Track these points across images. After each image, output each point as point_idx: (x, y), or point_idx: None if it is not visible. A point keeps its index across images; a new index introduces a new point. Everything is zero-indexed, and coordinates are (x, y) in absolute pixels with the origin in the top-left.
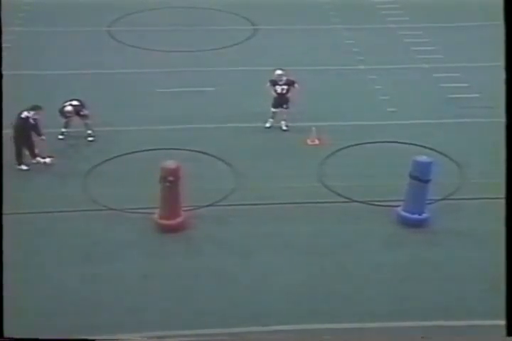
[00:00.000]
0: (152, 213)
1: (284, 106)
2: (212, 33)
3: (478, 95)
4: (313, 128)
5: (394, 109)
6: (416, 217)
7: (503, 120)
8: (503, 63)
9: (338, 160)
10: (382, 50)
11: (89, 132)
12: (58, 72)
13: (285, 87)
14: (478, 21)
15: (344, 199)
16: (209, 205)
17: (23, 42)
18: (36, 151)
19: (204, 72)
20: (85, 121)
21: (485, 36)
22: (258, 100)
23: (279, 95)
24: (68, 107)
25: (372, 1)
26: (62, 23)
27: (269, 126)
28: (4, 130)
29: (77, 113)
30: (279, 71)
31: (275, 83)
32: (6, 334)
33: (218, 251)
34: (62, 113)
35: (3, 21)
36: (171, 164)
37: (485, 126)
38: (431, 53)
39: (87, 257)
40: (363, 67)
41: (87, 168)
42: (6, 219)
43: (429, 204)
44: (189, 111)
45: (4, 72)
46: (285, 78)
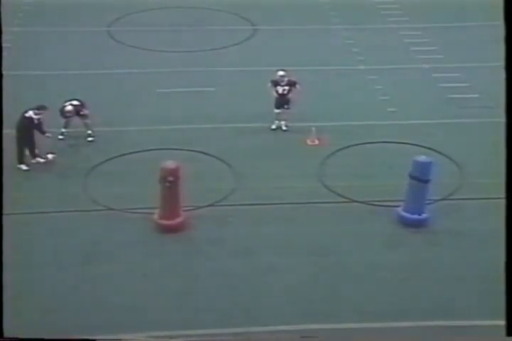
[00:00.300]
0: (152, 213)
1: (285, 107)
2: (212, 33)
3: (478, 95)
4: (313, 129)
5: (394, 109)
6: (416, 217)
7: (503, 120)
8: (503, 63)
9: (338, 160)
10: (382, 50)
11: (89, 132)
12: (58, 72)
13: (286, 88)
14: (478, 21)
15: (344, 200)
16: (209, 205)
17: (23, 42)
18: (36, 151)
19: (204, 72)
20: (85, 121)
21: (485, 36)
22: (258, 100)
23: (281, 96)
24: (68, 107)
25: (372, 1)
26: (62, 23)
27: (274, 127)
28: (4, 130)
29: (77, 113)
30: (281, 72)
31: (277, 84)
32: (6, 334)
33: (218, 251)
34: (63, 113)
35: (3, 21)
36: (170, 164)
37: (485, 126)
38: (431, 53)
39: (87, 257)
40: (363, 67)
41: (87, 168)
42: (6, 219)
43: (429, 204)
44: (189, 111)
45: (4, 72)
46: (286, 79)
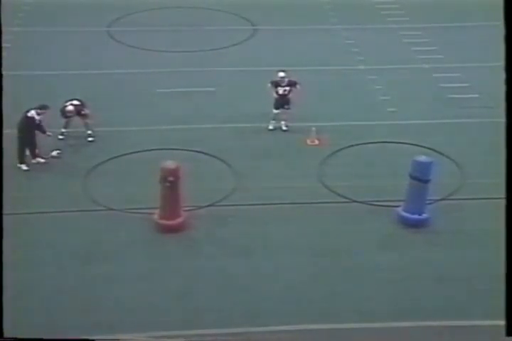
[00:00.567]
0: (152, 213)
1: (285, 107)
2: (212, 33)
3: (478, 95)
4: (313, 129)
5: (394, 109)
6: (416, 217)
7: (503, 120)
8: (503, 63)
9: (338, 160)
10: (382, 50)
11: (89, 132)
12: (58, 72)
13: (287, 89)
14: (478, 21)
15: (344, 200)
16: (209, 205)
17: (23, 42)
18: (37, 151)
19: (204, 72)
20: (86, 120)
21: (485, 36)
22: (258, 100)
23: (281, 96)
24: (69, 107)
25: (372, 1)
26: (62, 23)
27: (272, 128)
28: (4, 130)
29: (78, 112)
30: (282, 73)
31: (277, 84)
32: (6, 334)
33: (218, 251)
34: (64, 113)
35: (3, 21)
36: (170, 164)
37: (485, 126)
38: (431, 53)
39: (87, 257)
40: (363, 67)
41: (87, 168)
42: (6, 219)
43: (429, 204)
44: (189, 111)
45: (4, 72)
46: (287, 79)
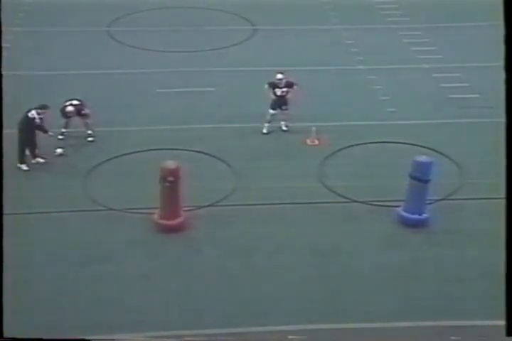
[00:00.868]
0: (152, 213)
1: (282, 108)
2: (212, 33)
3: (478, 95)
4: (313, 129)
5: (394, 109)
6: (416, 217)
7: (503, 120)
8: (503, 63)
9: (338, 160)
10: (382, 50)
11: (90, 132)
12: (58, 72)
13: (285, 90)
14: (478, 21)
15: (344, 200)
16: (209, 205)
17: (23, 42)
18: (37, 151)
19: (204, 72)
20: (86, 120)
21: (485, 36)
22: (258, 100)
23: (279, 97)
24: (69, 107)
25: (372, 1)
26: (62, 23)
27: (266, 132)
28: (4, 130)
29: (78, 112)
30: (280, 75)
31: (275, 86)
32: (6, 334)
33: (218, 251)
34: (64, 113)
35: (3, 21)
36: (170, 164)
37: (485, 126)
38: (431, 53)
39: (87, 257)
40: (362, 67)
41: (87, 168)
42: (6, 219)
43: (429, 204)
44: (189, 111)
45: (4, 72)
46: (285, 81)
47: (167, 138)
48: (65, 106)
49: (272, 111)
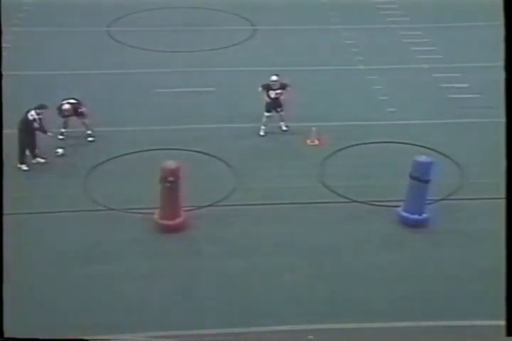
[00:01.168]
0: (152, 213)
1: (278, 110)
2: (212, 33)
3: (478, 95)
4: (313, 129)
5: (394, 109)
6: (416, 217)
7: (503, 120)
8: (503, 63)
9: (338, 160)
10: (382, 50)
11: (89, 132)
12: (58, 72)
13: (279, 92)
14: (478, 21)
15: (344, 200)
16: (209, 205)
17: (23, 42)
18: (37, 151)
19: (204, 72)
20: (83, 119)
21: (485, 36)
22: (258, 100)
23: (273, 100)
24: (66, 105)
25: (372, 1)
26: (62, 23)
27: (263, 134)
28: (4, 130)
29: (75, 110)
30: (275, 77)
31: (269, 88)
32: (6, 334)
33: (218, 251)
34: (61, 111)
35: (3, 21)
36: (171, 164)
37: (485, 126)
38: (431, 53)
39: (87, 257)
40: (362, 67)
41: (87, 168)
42: (6, 219)
43: (429, 204)
44: (189, 111)
45: (4, 72)
46: (278, 83)
47: (167, 138)
48: (62, 105)
49: (267, 114)
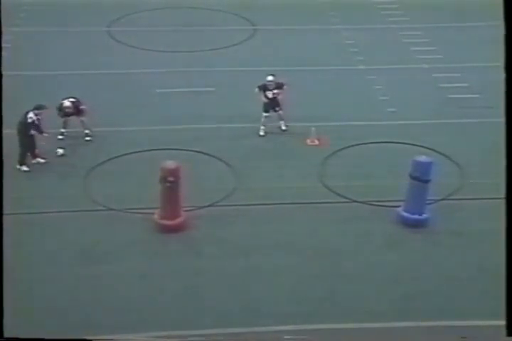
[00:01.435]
0: (152, 213)
1: (276, 110)
2: (212, 33)
3: (478, 95)
4: (313, 129)
5: (394, 109)
6: (416, 217)
7: (503, 120)
8: (503, 63)
9: (338, 160)
10: (382, 50)
11: (87, 132)
12: (58, 72)
13: (276, 91)
14: (478, 21)
15: (344, 200)
16: (209, 205)
17: (23, 42)
18: (36, 152)
19: (204, 72)
20: (83, 118)
21: (485, 36)
22: (258, 100)
23: (270, 100)
24: (67, 103)
25: (372, 1)
26: (62, 23)
27: (263, 134)
28: (4, 130)
29: (76, 108)
30: (271, 77)
31: (265, 88)
32: (6, 334)
33: (218, 251)
34: (61, 109)
35: (3, 21)
36: (170, 164)
37: (485, 126)
38: (431, 53)
39: (87, 257)
40: (362, 67)
41: (87, 168)
42: (6, 219)
43: (429, 204)
44: (189, 111)
45: (4, 72)
46: (274, 83)
47: (167, 138)
48: (62, 103)
49: (266, 114)
